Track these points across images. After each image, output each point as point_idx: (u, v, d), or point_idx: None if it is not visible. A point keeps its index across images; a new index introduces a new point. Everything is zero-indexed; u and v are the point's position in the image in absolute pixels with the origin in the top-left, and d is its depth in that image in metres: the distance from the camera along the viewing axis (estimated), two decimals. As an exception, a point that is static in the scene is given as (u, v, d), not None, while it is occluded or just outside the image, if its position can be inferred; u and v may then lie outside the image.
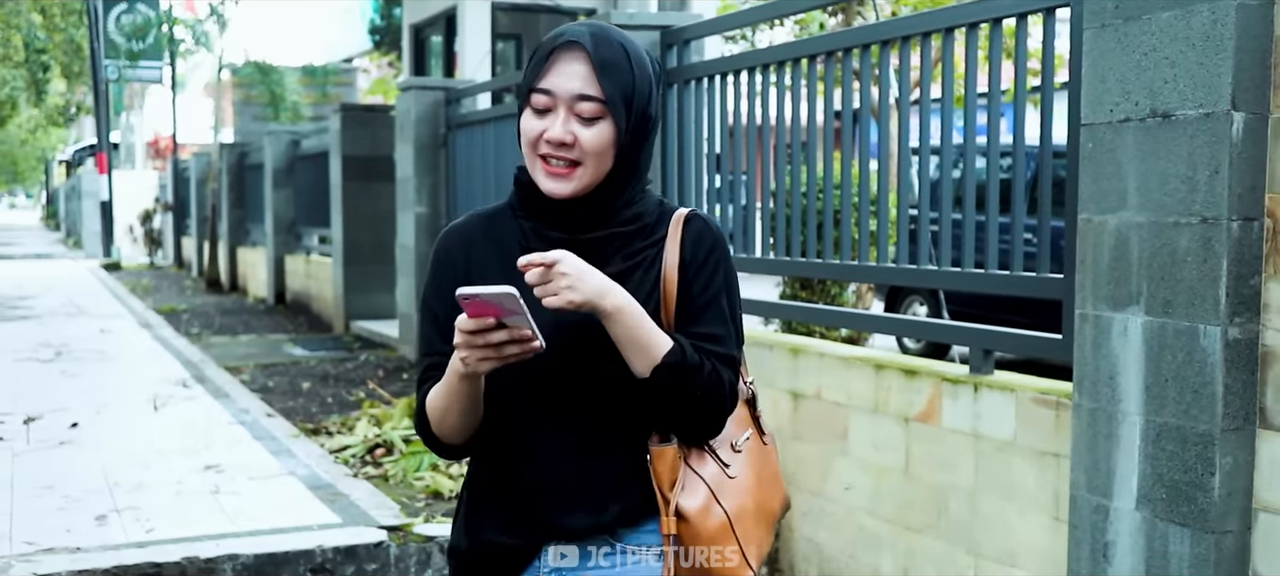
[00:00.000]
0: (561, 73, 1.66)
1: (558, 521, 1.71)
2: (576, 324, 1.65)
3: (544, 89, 1.66)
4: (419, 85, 8.92)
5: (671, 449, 1.70)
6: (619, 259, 1.71)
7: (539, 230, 1.72)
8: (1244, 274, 2.54)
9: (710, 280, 1.73)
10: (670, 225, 1.74)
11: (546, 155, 1.66)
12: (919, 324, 6.00)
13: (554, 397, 1.70)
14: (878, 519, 3.87)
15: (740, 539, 1.73)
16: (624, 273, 1.70)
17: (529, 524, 1.73)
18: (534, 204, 1.73)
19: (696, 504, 1.70)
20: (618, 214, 1.72)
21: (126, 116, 32.65)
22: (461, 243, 1.80)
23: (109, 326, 10.95)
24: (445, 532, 4.27)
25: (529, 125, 1.68)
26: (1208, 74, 2.54)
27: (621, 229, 1.72)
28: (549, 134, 1.65)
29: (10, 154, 48.31)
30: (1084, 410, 2.89)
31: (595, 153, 1.66)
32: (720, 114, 4.83)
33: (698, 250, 1.73)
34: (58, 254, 25.68)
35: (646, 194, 1.76)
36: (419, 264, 8.65)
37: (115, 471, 5.14)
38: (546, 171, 1.67)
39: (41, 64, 24.27)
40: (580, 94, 1.64)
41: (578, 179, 1.67)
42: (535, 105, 1.67)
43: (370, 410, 6.37)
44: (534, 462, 1.71)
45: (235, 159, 15.96)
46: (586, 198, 1.69)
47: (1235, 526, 2.60)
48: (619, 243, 1.72)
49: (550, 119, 1.66)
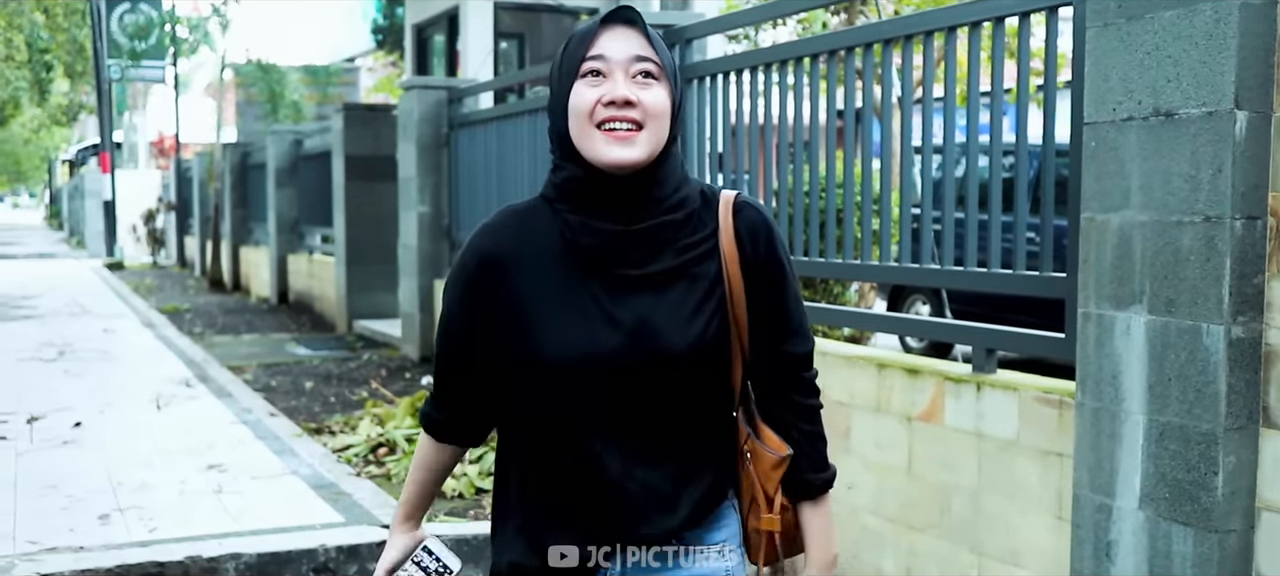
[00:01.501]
0: (613, 41, 1.61)
1: (631, 527, 1.66)
2: (630, 335, 1.61)
3: (597, 55, 1.60)
4: (421, 85, 8.92)
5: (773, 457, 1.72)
6: (670, 252, 1.64)
7: (587, 222, 1.62)
8: (1247, 273, 2.54)
9: (782, 283, 1.71)
10: (720, 213, 1.68)
11: (607, 121, 1.58)
12: (922, 323, 6.00)
13: (621, 405, 1.64)
14: (880, 518, 3.87)
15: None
16: (678, 269, 1.64)
17: (600, 532, 1.66)
18: (581, 192, 1.63)
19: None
20: (667, 198, 1.63)
21: (129, 116, 32.67)
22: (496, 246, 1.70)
23: (112, 326, 10.96)
24: (447, 531, 4.27)
25: (584, 95, 1.59)
26: (1211, 73, 2.54)
27: (670, 217, 1.63)
28: (611, 94, 1.58)
29: (13, 153, 48.40)
30: (1087, 409, 2.89)
31: (657, 115, 1.60)
32: (723, 113, 4.83)
33: (758, 246, 1.68)
34: (61, 253, 25.70)
35: (687, 182, 1.68)
36: (421, 263, 8.65)
37: (118, 471, 5.15)
38: (610, 139, 1.58)
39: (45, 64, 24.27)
40: (638, 55, 1.60)
41: (642, 144, 1.58)
42: (588, 72, 1.60)
43: (373, 409, 6.37)
44: (602, 470, 1.64)
45: (238, 158, 15.98)
46: (639, 177, 1.60)
47: (1238, 526, 2.60)
48: (669, 232, 1.63)
49: (607, 84, 1.59)
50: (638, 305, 1.62)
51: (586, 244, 1.63)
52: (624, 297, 1.62)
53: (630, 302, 1.62)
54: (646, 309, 1.62)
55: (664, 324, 1.62)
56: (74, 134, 47.06)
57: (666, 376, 1.63)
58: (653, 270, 1.63)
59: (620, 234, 1.61)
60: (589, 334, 1.62)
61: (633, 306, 1.62)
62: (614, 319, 1.61)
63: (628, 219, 1.61)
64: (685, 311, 1.63)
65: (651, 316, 1.61)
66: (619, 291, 1.62)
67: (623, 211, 1.61)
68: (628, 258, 1.62)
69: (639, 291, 1.63)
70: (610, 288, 1.62)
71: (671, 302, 1.63)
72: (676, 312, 1.63)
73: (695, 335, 1.63)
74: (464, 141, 8.27)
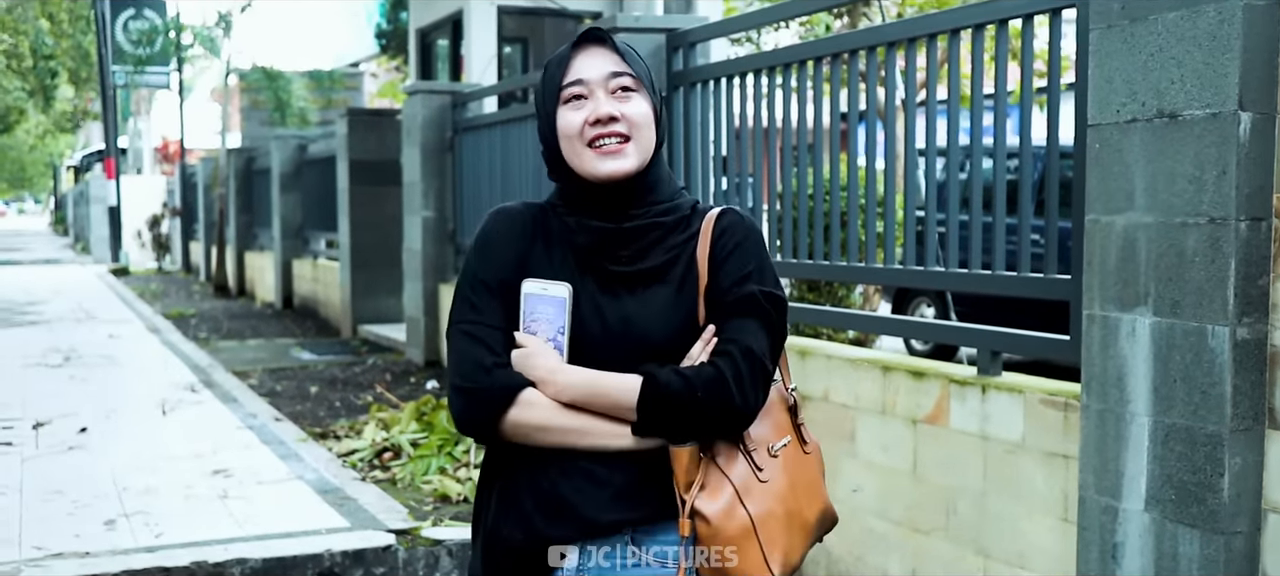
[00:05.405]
0: (588, 63, 1.73)
1: (592, 517, 1.71)
2: (614, 329, 1.71)
3: (576, 80, 1.72)
4: (425, 89, 8.93)
5: (687, 450, 1.69)
6: (659, 250, 1.75)
7: (582, 221, 1.76)
8: (1252, 274, 2.53)
9: (736, 270, 1.74)
10: (703, 223, 1.78)
11: (595, 139, 1.70)
12: (926, 325, 6.00)
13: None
14: (886, 521, 3.86)
15: (763, 543, 1.71)
16: (664, 266, 1.75)
17: (564, 519, 1.71)
18: (577, 196, 1.76)
19: (718, 506, 1.69)
20: (661, 201, 1.76)
21: (134, 122, 32.69)
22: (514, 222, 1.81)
23: (117, 331, 10.98)
24: (453, 535, 4.27)
25: (569, 119, 1.72)
26: (1214, 74, 2.53)
27: (661, 219, 1.75)
28: (595, 113, 1.70)
29: (18, 160, 48.46)
30: (1092, 411, 2.89)
31: (641, 125, 1.72)
32: (727, 116, 4.84)
33: (725, 241, 1.76)
34: (66, 259, 25.75)
35: (681, 193, 1.81)
36: (426, 268, 8.65)
37: (124, 476, 5.15)
38: (601, 155, 1.71)
39: (49, 70, 24.31)
40: (613, 72, 1.72)
41: (632, 154, 1.71)
42: (570, 98, 1.72)
43: (378, 414, 6.37)
44: (571, 459, 1.71)
45: (242, 163, 16.01)
46: (632, 183, 1.72)
47: (1245, 527, 2.59)
48: (658, 233, 1.75)
49: (589, 104, 1.72)
50: (625, 298, 1.74)
51: (581, 242, 1.76)
52: (613, 291, 1.74)
53: (618, 296, 1.74)
54: (631, 303, 1.74)
55: (645, 316, 1.73)
56: (79, 140, 47.14)
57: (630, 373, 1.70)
58: (639, 267, 1.75)
59: (612, 232, 1.74)
60: (577, 323, 1.73)
61: (620, 299, 1.74)
62: (601, 310, 1.72)
63: (620, 218, 1.74)
64: (665, 306, 1.74)
65: (636, 309, 1.73)
66: (608, 286, 1.74)
67: (615, 213, 1.74)
68: (616, 254, 1.75)
69: (627, 285, 1.75)
70: (602, 282, 1.75)
71: (654, 297, 1.74)
72: (658, 306, 1.74)
73: (674, 328, 1.73)
74: (468, 146, 8.27)
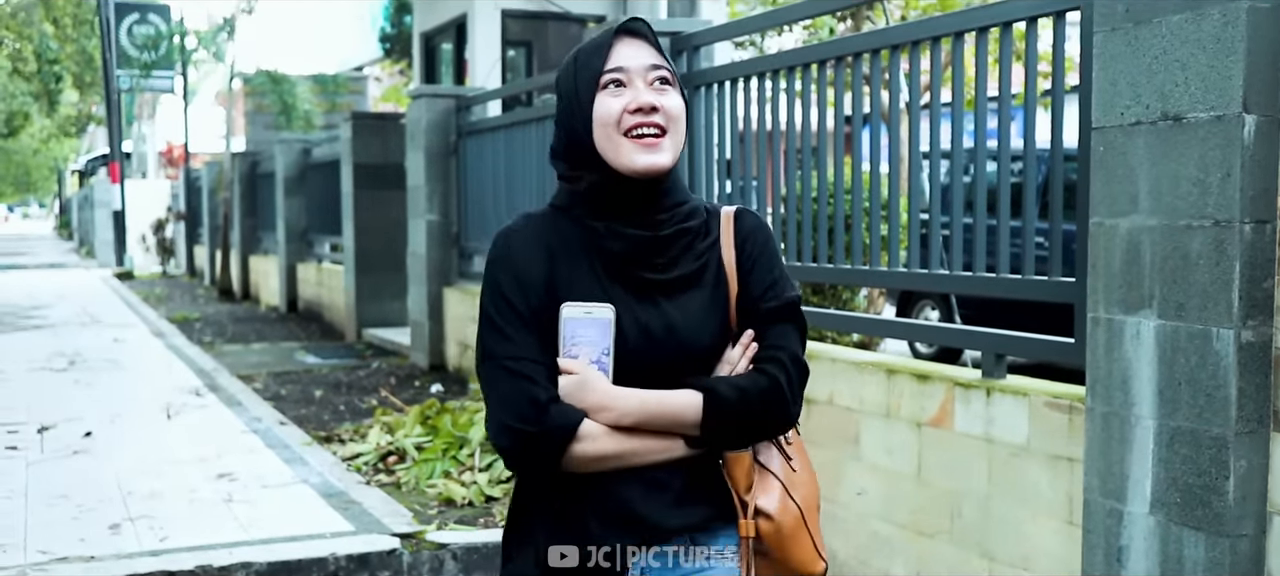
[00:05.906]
0: (628, 52, 1.69)
1: (654, 522, 1.69)
2: (658, 338, 1.68)
3: (617, 66, 1.68)
4: (430, 93, 8.94)
5: (747, 454, 1.71)
6: (689, 258, 1.73)
7: (613, 227, 1.70)
8: (1257, 277, 2.53)
9: (766, 275, 1.76)
10: (721, 224, 1.77)
11: (635, 127, 1.66)
12: (931, 328, 5.99)
13: None
14: (890, 524, 3.86)
15: (812, 531, 1.76)
16: (694, 274, 1.73)
17: (622, 526, 1.69)
18: (603, 198, 1.70)
19: (774, 502, 1.71)
20: (681, 204, 1.73)
21: (138, 126, 32.72)
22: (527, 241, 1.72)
23: (122, 335, 10.99)
24: (458, 539, 4.28)
25: (608, 105, 1.67)
26: (1219, 77, 2.53)
27: (687, 224, 1.73)
28: (638, 101, 1.66)
29: (23, 164, 48.56)
30: (1097, 414, 2.88)
31: (677, 119, 1.69)
32: (731, 119, 4.84)
33: (750, 247, 1.76)
34: (71, 263, 25.79)
35: (691, 194, 1.79)
36: (430, 271, 8.66)
37: (129, 480, 5.16)
38: (639, 145, 1.66)
39: (54, 74, 24.40)
40: (653, 64, 1.69)
41: (668, 149, 1.68)
42: (609, 84, 1.67)
43: (382, 417, 6.38)
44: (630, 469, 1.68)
45: (247, 167, 16.02)
46: (657, 181, 1.68)
47: (1250, 530, 2.59)
48: (686, 239, 1.73)
49: (629, 92, 1.67)
50: (663, 306, 1.70)
51: (615, 249, 1.70)
52: (649, 300, 1.70)
53: (655, 304, 1.70)
54: (671, 310, 1.71)
55: (687, 324, 1.70)
56: (83, 144, 47.25)
57: (690, 374, 1.70)
58: (674, 274, 1.72)
59: (648, 239, 1.69)
60: (618, 337, 1.68)
61: (659, 307, 1.70)
62: (641, 320, 1.68)
63: (653, 225, 1.70)
64: (703, 311, 1.72)
65: (678, 317, 1.70)
66: (644, 294, 1.70)
67: (646, 217, 1.69)
68: (651, 262, 1.71)
69: (663, 293, 1.71)
70: (635, 290, 1.70)
71: (691, 303, 1.72)
72: (697, 312, 1.72)
73: (714, 333, 1.72)
74: (472, 149, 8.28)
